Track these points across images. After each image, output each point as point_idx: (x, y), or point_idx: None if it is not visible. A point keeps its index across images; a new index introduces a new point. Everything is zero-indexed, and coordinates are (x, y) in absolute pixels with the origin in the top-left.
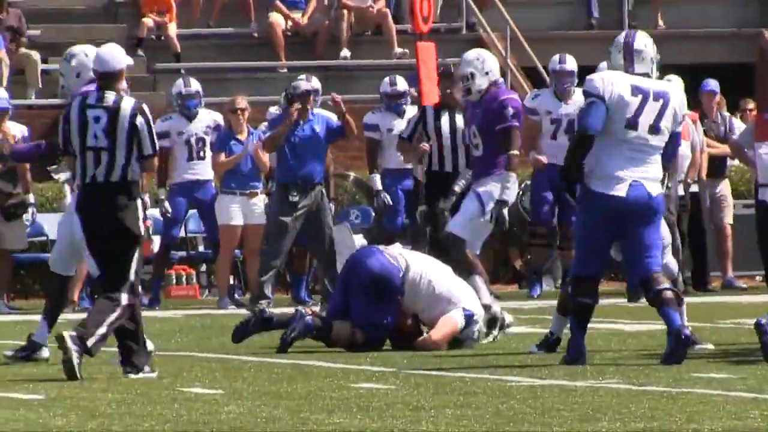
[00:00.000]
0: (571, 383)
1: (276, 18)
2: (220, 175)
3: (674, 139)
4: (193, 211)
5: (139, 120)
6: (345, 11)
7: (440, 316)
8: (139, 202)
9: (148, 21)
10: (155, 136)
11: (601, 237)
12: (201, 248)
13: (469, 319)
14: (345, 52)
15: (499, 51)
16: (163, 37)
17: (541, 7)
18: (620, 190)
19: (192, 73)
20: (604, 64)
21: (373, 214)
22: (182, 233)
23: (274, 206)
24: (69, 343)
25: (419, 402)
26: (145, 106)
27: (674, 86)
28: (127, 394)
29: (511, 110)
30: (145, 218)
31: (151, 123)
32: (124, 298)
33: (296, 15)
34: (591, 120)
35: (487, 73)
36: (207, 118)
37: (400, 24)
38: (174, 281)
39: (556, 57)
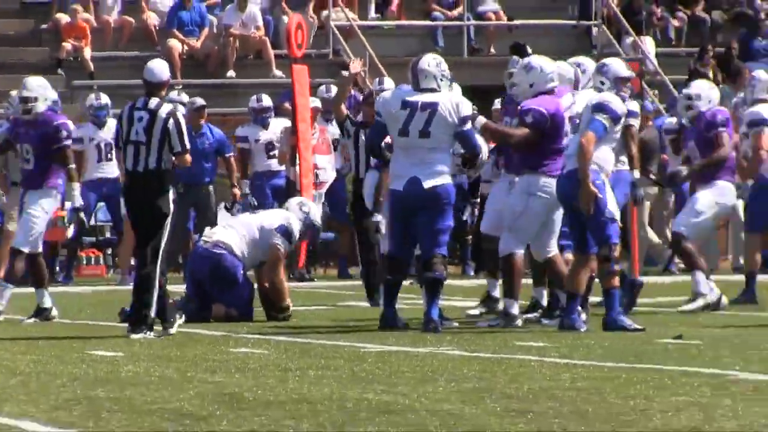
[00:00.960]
0: (414, 349)
1: (174, 43)
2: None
3: (461, 137)
4: (102, 204)
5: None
6: (231, 38)
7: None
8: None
9: (67, 45)
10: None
11: (400, 224)
12: (108, 235)
13: (284, 230)
14: (231, 73)
15: (359, 73)
16: (79, 59)
17: (395, 37)
18: (398, 186)
19: (103, 89)
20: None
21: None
22: (93, 222)
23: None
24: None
25: (287, 364)
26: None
27: (444, 96)
28: (43, 356)
29: None
30: (62, 209)
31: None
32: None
33: (191, 41)
34: (369, 134)
35: None
36: (115, 126)
37: (278, 49)
38: (84, 262)
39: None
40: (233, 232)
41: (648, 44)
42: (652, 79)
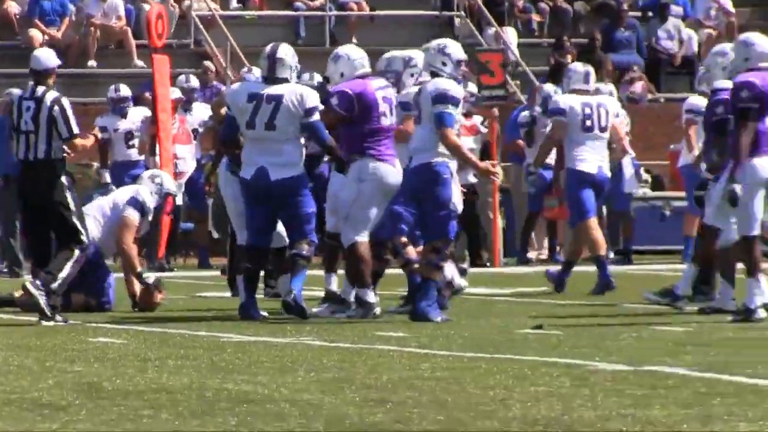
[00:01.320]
0: (273, 339)
1: (35, 33)
2: None
3: (308, 129)
4: None
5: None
6: (92, 28)
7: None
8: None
9: None
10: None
11: (253, 213)
12: None
13: (134, 201)
14: (92, 62)
15: (220, 63)
16: None
17: (257, 27)
18: (247, 174)
19: None
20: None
21: None
22: None
23: None
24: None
25: (146, 354)
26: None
27: (289, 88)
28: None
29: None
30: None
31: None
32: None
33: (52, 30)
34: (223, 129)
35: None
36: None
37: (140, 39)
38: None
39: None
40: (88, 218)
41: (510, 35)
42: (513, 70)
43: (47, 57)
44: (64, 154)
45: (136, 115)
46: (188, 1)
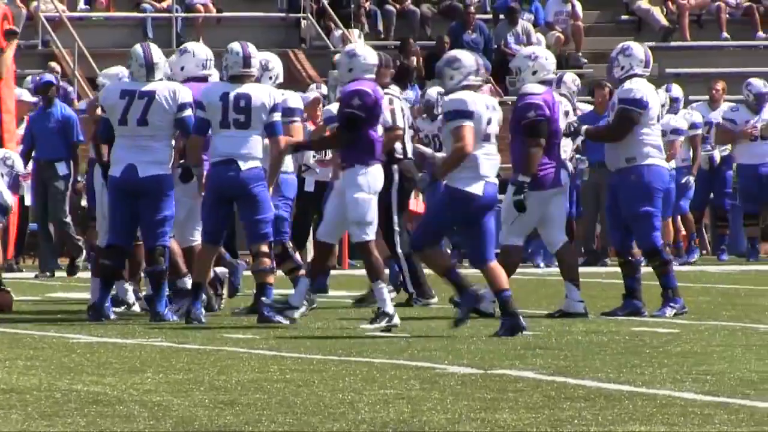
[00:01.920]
0: (122, 340)
1: None
2: None
3: (180, 123)
4: None
5: None
6: None
7: None
8: None
9: None
10: None
11: (118, 211)
12: None
13: None
14: None
15: (68, 64)
16: None
17: (105, 28)
18: (116, 172)
19: None
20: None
21: None
22: None
23: None
24: None
25: None
26: None
27: (161, 84)
28: None
29: None
30: None
31: None
32: None
33: None
34: (98, 129)
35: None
36: None
37: None
38: None
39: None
40: None
41: (356, 37)
42: None
43: None
44: None
45: None
46: (36, 2)
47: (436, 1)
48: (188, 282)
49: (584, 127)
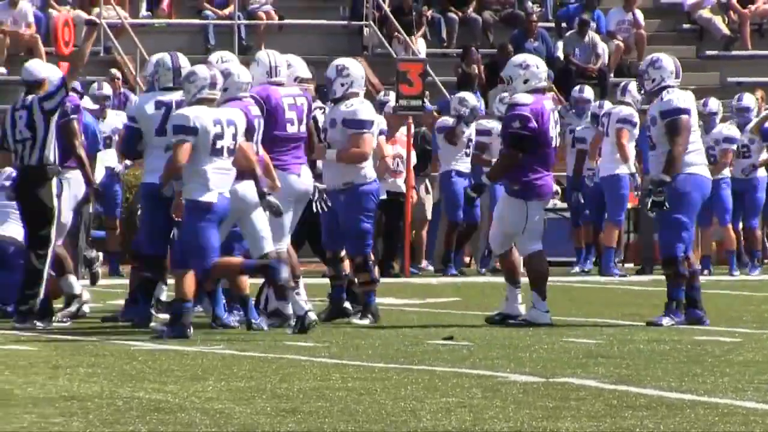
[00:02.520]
0: (184, 348)
1: None
2: None
3: None
4: None
5: None
6: (2, 35)
7: None
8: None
9: None
10: None
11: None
12: None
13: None
14: (2, 69)
15: (130, 70)
16: None
17: (166, 35)
18: (154, 180)
19: None
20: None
21: None
22: None
23: None
24: None
25: (57, 361)
26: None
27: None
28: None
29: None
30: None
31: None
32: None
33: None
34: (123, 142)
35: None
36: None
37: (49, 46)
38: None
39: None
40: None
41: (419, 45)
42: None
43: (37, 69)
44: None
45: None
46: (98, 9)
47: (498, 8)
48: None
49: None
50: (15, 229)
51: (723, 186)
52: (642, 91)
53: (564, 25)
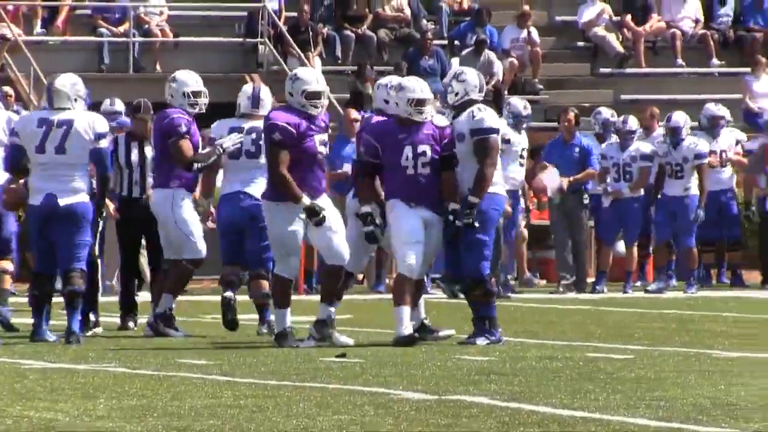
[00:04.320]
0: (75, 366)
1: None
2: None
3: (95, 155)
4: None
5: None
6: None
7: None
8: None
9: None
10: None
11: (41, 240)
12: None
13: None
14: None
15: (23, 88)
16: None
17: (61, 52)
18: (36, 201)
19: None
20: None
21: None
22: None
23: None
24: None
25: None
26: None
27: (78, 114)
28: None
29: None
30: None
31: None
32: None
33: None
34: (6, 159)
35: None
36: None
37: None
38: None
39: None
40: None
41: (315, 63)
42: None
43: None
44: None
45: None
46: None
47: (393, 27)
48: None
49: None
50: None
51: (634, 205)
52: (445, 104)
53: (457, 42)
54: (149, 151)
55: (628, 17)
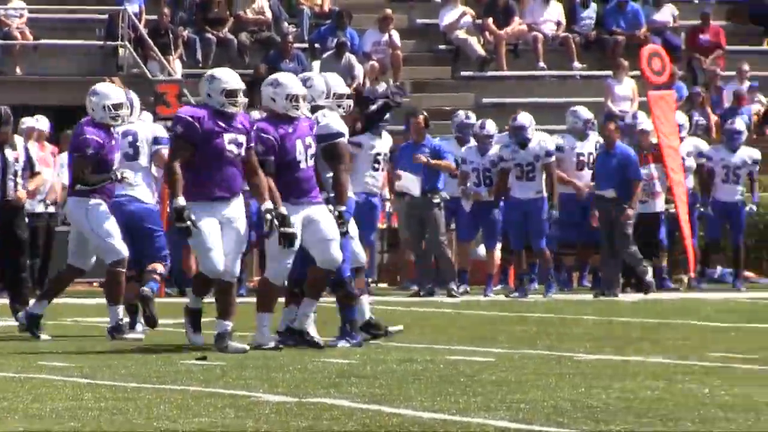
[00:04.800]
0: None
1: None
2: None
3: None
4: None
5: None
6: None
7: None
8: None
9: None
10: None
11: None
12: None
13: None
14: None
15: None
16: None
17: None
18: None
19: None
20: None
21: None
22: None
23: None
24: None
25: None
26: None
27: None
28: None
29: None
30: None
31: None
32: None
33: None
34: None
35: None
36: None
37: None
38: None
39: None
40: None
41: (176, 66)
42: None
43: None
44: None
45: None
46: None
47: (254, 30)
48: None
49: None
50: None
51: (494, 210)
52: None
53: (318, 46)
54: (10, 154)
55: (490, 20)
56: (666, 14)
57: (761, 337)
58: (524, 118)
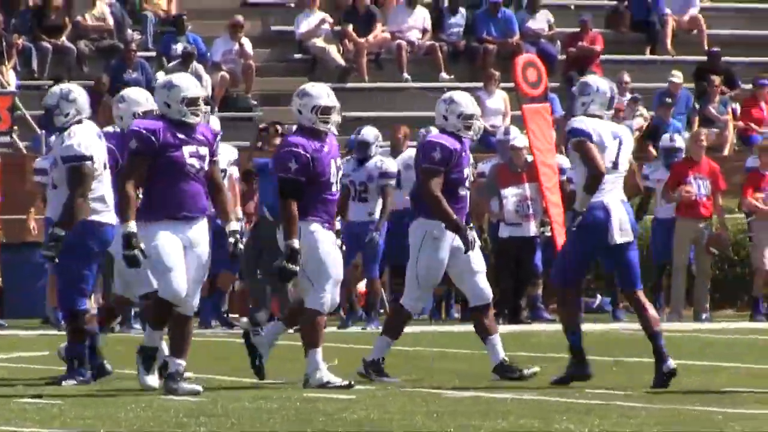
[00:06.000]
0: None
1: None
2: None
3: None
4: None
5: None
6: None
7: None
8: None
9: None
10: None
11: None
12: None
13: None
14: None
15: None
16: None
17: None
18: None
19: None
20: None
21: None
22: None
23: None
24: None
25: None
26: None
27: None
28: None
29: None
30: None
31: None
32: None
33: None
34: None
35: None
36: None
37: None
38: None
39: None
40: None
41: (9, 77)
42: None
43: None
44: None
45: None
46: None
47: (95, 38)
48: None
49: None
50: None
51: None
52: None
53: (164, 54)
54: None
55: (350, 27)
56: (541, 21)
57: (643, 370)
58: (369, 132)
